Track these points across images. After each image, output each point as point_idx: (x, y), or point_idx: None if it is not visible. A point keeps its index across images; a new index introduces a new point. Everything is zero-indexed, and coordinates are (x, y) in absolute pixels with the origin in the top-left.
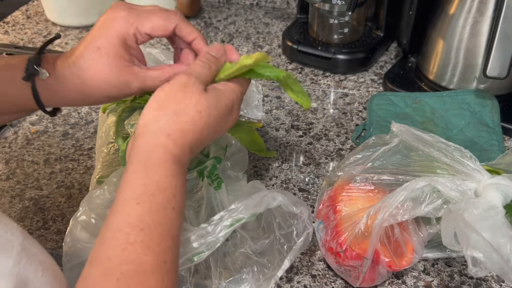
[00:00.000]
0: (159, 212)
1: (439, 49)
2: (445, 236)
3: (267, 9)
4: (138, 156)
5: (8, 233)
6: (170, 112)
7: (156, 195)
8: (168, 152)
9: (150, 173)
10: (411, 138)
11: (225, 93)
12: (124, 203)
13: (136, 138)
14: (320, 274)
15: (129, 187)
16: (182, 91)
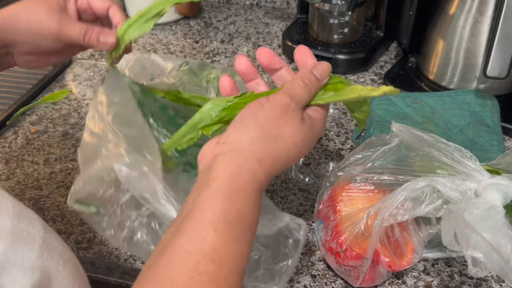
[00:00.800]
0: (233, 245)
1: (439, 49)
2: (445, 236)
3: (267, 9)
4: (224, 175)
5: (29, 226)
6: (268, 137)
7: (235, 224)
8: (256, 180)
9: (233, 199)
10: (411, 138)
11: (318, 123)
12: (201, 224)
13: (225, 155)
14: (320, 274)
15: (209, 208)
16: (283, 116)
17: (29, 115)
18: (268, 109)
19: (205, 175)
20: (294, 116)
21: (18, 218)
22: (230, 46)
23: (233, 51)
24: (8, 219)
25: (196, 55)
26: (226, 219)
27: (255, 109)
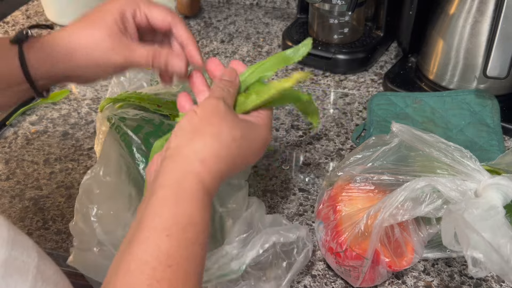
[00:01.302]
0: (188, 249)
1: (439, 49)
2: (445, 236)
3: (267, 9)
4: (169, 181)
5: (24, 254)
6: (206, 136)
7: (187, 229)
8: (201, 181)
9: (182, 203)
10: (411, 138)
11: (258, 127)
12: (153, 233)
13: (167, 160)
14: (320, 274)
15: (158, 215)
16: (217, 115)
17: (29, 115)
18: (200, 112)
19: (152, 184)
20: (227, 113)
21: (12, 246)
22: (230, 46)
23: (233, 51)
24: (2, 248)
25: None
26: (177, 224)
27: (190, 116)
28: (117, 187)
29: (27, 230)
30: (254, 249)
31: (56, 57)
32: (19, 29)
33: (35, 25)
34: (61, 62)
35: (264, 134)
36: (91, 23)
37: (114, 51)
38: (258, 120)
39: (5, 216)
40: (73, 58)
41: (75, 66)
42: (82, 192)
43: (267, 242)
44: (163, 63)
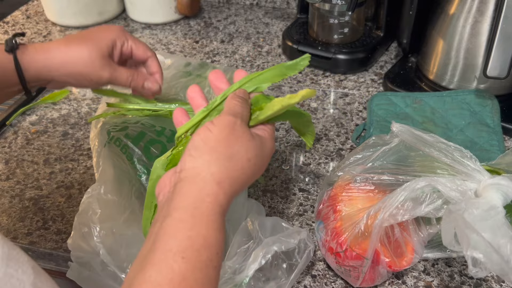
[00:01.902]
0: (202, 271)
1: (439, 49)
2: (445, 237)
3: (267, 9)
4: (185, 202)
5: (19, 271)
6: (222, 158)
7: (202, 251)
8: (218, 204)
9: (197, 225)
10: (411, 138)
11: (267, 141)
12: (168, 255)
13: (183, 182)
14: (320, 274)
15: (173, 238)
16: (232, 135)
17: (29, 115)
18: (216, 131)
19: (166, 205)
20: (243, 133)
21: (7, 262)
22: (230, 46)
23: (233, 51)
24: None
25: (196, 55)
26: (192, 247)
27: (204, 134)
28: (119, 205)
29: (27, 230)
30: (256, 262)
31: (51, 65)
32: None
33: (16, 34)
34: (55, 70)
35: (271, 147)
36: (88, 43)
37: (102, 69)
38: (265, 134)
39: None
40: (67, 69)
41: (67, 75)
42: (83, 211)
43: (268, 253)
44: (140, 84)
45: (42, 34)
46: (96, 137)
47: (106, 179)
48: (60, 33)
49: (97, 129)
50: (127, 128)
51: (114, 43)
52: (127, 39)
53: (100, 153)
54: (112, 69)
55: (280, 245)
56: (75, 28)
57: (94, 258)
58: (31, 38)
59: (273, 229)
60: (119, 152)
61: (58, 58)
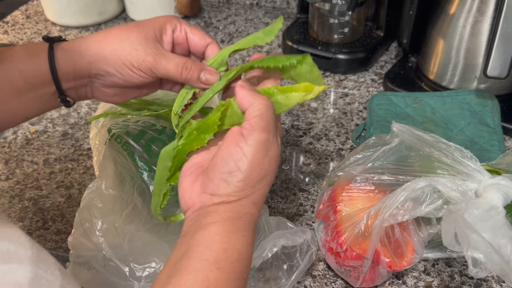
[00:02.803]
0: (234, 283)
1: (440, 49)
2: (445, 237)
3: (267, 9)
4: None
5: (48, 272)
6: (257, 181)
7: (235, 264)
8: (253, 221)
9: (233, 239)
10: (411, 138)
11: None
12: (204, 264)
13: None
14: (320, 274)
15: (210, 248)
16: (266, 157)
17: None
18: (250, 153)
19: (198, 221)
20: (274, 150)
21: (37, 264)
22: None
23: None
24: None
25: None
26: (227, 259)
27: (238, 156)
28: (121, 200)
29: (26, 230)
30: (264, 252)
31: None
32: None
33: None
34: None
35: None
36: (129, 29)
37: (145, 52)
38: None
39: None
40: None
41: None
42: (84, 207)
43: (275, 246)
44: (195, 75)
45: (42, 34)
46: (97, 136)
47: (107, 175)
48: (60, 33)
49: (98, 128)
50: (128, 127)
51: (163, 27)
52: (180, 23)
53: (101, 151)
54: (159, 52)
55: (287, 240)
56: (75, 28)
57: (96, 255)
58: (30, 38)
59: (278, 227)
60: (120, 149)
61: (94, 43)
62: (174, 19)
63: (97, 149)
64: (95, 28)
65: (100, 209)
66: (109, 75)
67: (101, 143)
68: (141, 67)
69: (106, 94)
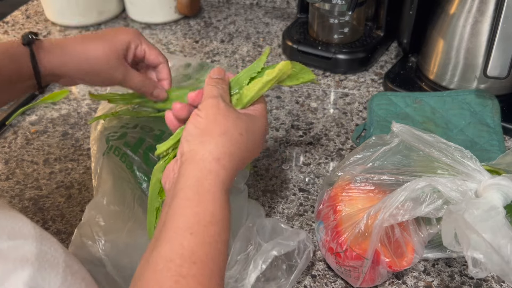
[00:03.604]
0: (211, 246)
1: (440, 49)
2: (445, 237)
3: (267, 9)
4: (189, 182)
5: (52, 249)
6: (216, 135)
7: (209, 226)
8: (220, 181)
9: (203, 202)
10: (411, 138)
11: (257, 118)
12: (177, 232)
13: (185, 164)
14: (320, 274)
15: (181, 215)
16: (219, 114)
17: (28, 115)
18: (204, 114)
19: (172, 189)
20: (228, 111)
21: (41, 241)
22: (230, 46)
23: (233, 51)
24: (33, 242)
25: (196, 55)
26: (200, 222)
27: (195, 120)
28: (123, 215)
29: None
30: (257, 269)
31: (66, 61)
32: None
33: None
34: (70, 66)
35: (264, 124)
36: (104, 43)
37: (116, 69)
38: (256, 112)
39: None
40: (82, 66)
41: (81, 72)
42: (85, 223)
43: (268, 258)
44: (150, 91)
45: (42, 34)
46: (95, 142)
47: (107, 190)
48: (60, 33)
49: (97, 132)
50: (126, 135)
51: (129, 45)
52: (141, 42)
53: (98, 160)
54: (126, 70)
55: (279, 249)
56: (75, 28)
57: (98, 269)
58: None
59: (272, 231)
60: (119, 162)
61: (74, 55)
62: (137, 38)
63: (95, 155)
64: (95, 28)
65: (103, 227)
66: (84, 81)
67: (99, 151)
68: (111, 81)
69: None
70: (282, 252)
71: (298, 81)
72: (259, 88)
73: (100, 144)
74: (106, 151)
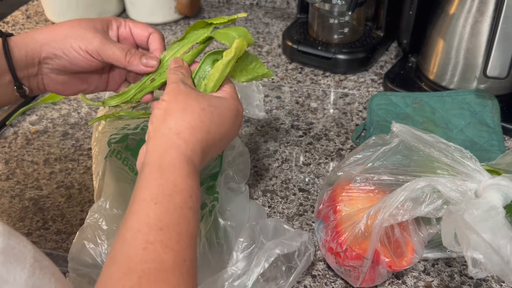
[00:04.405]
0: (177, 212)
1: (439, 49)
2: (445, 237)
3: (267, 9)
4: (152, 157)
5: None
6: (176, 112)
7: (173, 195)
8: (181, 153)
9: (166, 174)
10: (411, 138)
11: (225, 99)
12: (142, 204)
13: (148, 142)
14: (320, 274)
15: (146, 188)
16: (180, 94)
17: (29, 115)
18: (166, 97)
19: (140, 168)
20: (189, 90)
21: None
22: None
23: None
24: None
25: None
26: (164, 192)
27: (158, 104)
28: None
29: (27, 230)
30: (259, 265)
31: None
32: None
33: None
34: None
35: (234, 104)
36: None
37: (94, 36)
38: (224, 94)
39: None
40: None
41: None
42: (88, 226)
43: (271, 256)
44: (137, 58)
45: None
46: (97, 143)
47: (110, 194)
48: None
49: (98, 133)
50: (127, 138)
51: (109, 22)
52: (125, 21)
53: (100, 162)
54: (105, 38)
55: (282, 248)
56: None
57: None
58: None
59: (274, 231)
60: (121, 165)
61: (46, 31)
62: (120, 18)
63: (96, 157)
64: None
65: (106, 231)
66: (57, 57)
67: (100, 152)
68: (88, 50)
69: (55, 81)
70: (286, 251)
71: (252, 75)
72: (222, 70)
73: (102, 145)
74: (108, 154)
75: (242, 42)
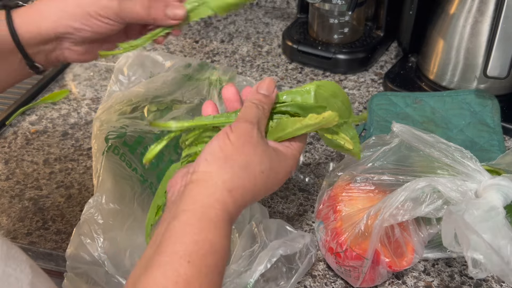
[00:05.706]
0: (207, 276)
1: (440, 49)
2: (445, 238)
3: (267, 9)
4: (193, 205)
5: (17, 270)
6: (236, 166)
7: (208, 256)
8: (227, 211)
9: (205, 230)
10: (411, 138)
11: (286, 158)
12: (174, 258)
13: (193, 184)
14: (320, 274)
15: (180, 241)
16: (249, 143)
17: (28, 115)
18: (233, 138)
19: (175, 206)
20: (258, 142)
21: (6, 261)
22: (230, 46)
23: (233, 51)
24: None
25: (196, 55)
26: (198, 252)
27: (222, 141)
28: (122, 213)
29: (27, 230)
30: (262, 264)
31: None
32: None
33: None
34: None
35: (291, 165)
36: None
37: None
38: (288, 151)
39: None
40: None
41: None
42: (84, 222)
43: (274, 256)
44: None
45: None
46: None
47: (106, 189)
48: None
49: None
50: (125, 135)
51: None
52: None
53: (98, 159)
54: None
55: (285, 249)
56: None
57: (97, 269)
58: None
59: (277, 232)
60: (119, 160)
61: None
62: None
63: (95, 154)
64: None
65: (101, 225)
66: (77, 30)
67: (98, 150)
68: (107, 14)
69: (77, 52)
70: (288, 252)
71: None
72: (296, 129)
73: (100, 142)
74: (105, 149)
75: (332, 115)
